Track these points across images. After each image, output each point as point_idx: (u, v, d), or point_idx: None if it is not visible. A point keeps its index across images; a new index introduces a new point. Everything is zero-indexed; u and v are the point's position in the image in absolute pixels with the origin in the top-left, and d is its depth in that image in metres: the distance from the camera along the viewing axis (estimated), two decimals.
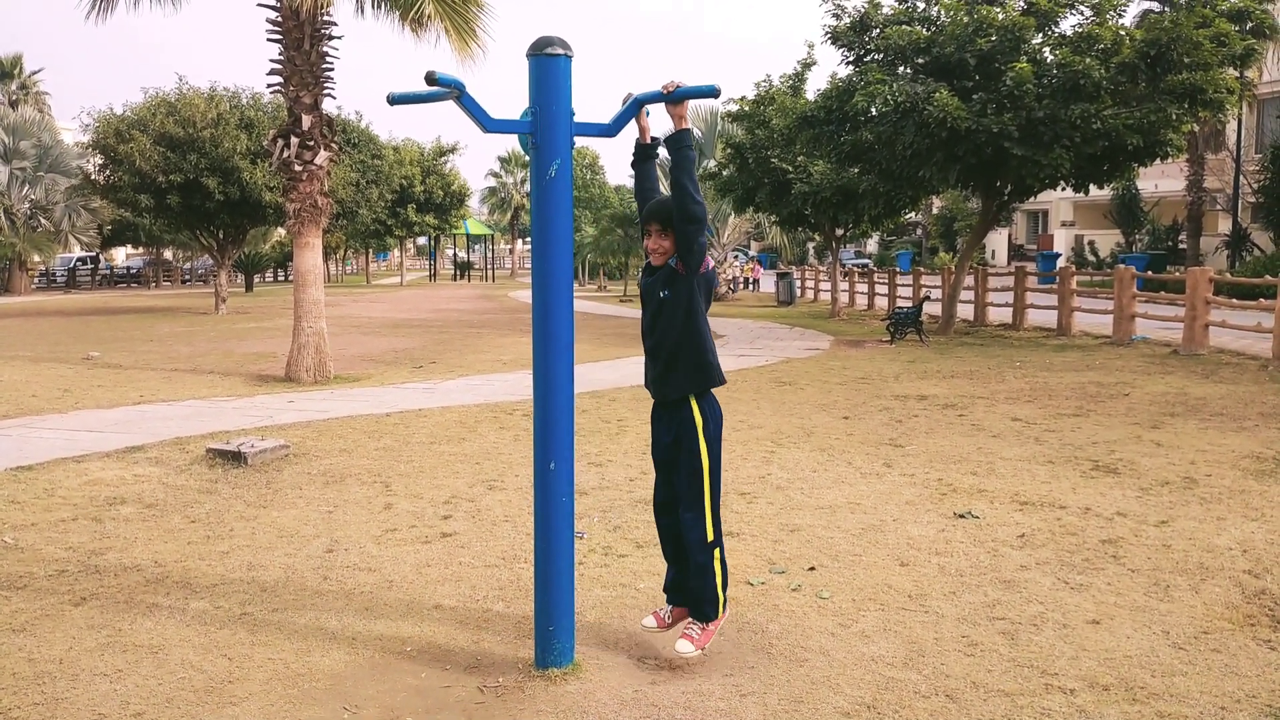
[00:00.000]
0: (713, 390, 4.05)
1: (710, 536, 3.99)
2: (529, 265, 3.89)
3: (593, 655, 4.12)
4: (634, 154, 4.20)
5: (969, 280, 21.31)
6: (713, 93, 3.76)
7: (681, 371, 3.96)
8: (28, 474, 7.48)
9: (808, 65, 25.61)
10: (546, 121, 3.73)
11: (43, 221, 45.26)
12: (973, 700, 3.70)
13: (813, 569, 5.20)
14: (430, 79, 3.53)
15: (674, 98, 3.78)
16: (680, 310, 3.92)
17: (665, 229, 3.91)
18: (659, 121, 10.45)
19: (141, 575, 5.20)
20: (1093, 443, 8.29)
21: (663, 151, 4.11)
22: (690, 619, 4.10)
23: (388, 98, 3.75)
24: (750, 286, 42.89)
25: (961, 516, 6.13)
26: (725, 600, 4.09)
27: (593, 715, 3.63)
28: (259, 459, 7.76)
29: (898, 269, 30.87)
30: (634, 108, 3.94)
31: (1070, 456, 7.79)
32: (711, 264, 4.02)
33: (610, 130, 3.98)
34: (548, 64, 3.71)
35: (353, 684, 3.90)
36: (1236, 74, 17.39)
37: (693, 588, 4.07)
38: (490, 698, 3.78)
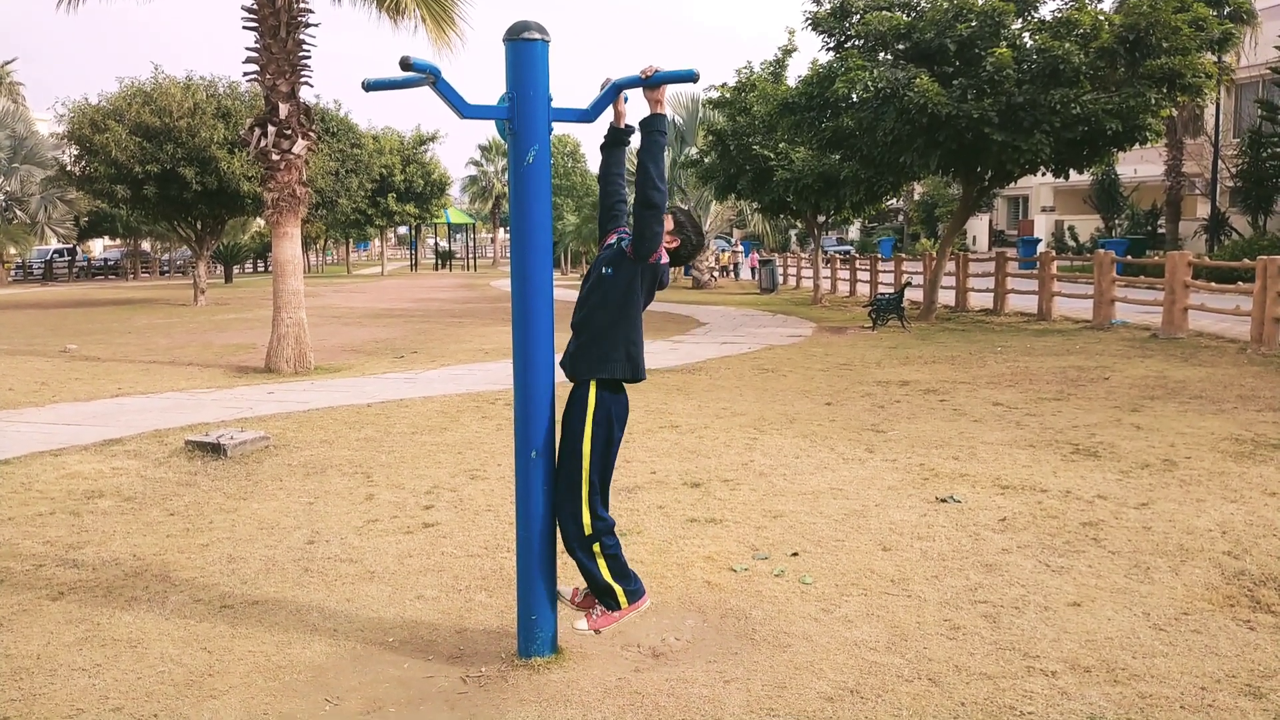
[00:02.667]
0: (625, 387, 3.91)
1: (588, 532, 3.87)
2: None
3: (576, 644, 4.11)
4: (605, 137, 4.10)
5: (950, 266, 21.37)
6: (692, 77, 3.74)
7: (595, 355, 3.82)
8: (4, 468, 7.40)
9: (789, 52, 25.56)
10: (524, 107, 3.70)
11: (18, 214, 44.78)
12: (955, 683, 3.71)
13: (796, 555, 5.20)
14: (405, 64, 3.48)
15: (652, 82, 3.75)
16: (616, 293, 3.81)
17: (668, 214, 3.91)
18: (638, 109, 10.39)
19: (120, 569, 5.15)
20: (1073, 426, 8.33)
21: (636, 139, 4.06)
22: (595, 600, 4.02)
23: (363, 84, 3.70)
24: (731, 274, 42.79)
25: (943, 501, 6.14)
26: (630, 590, 3.96)
27: (576, 704, 3.62)
28: (238, 451, 7.70)
29: (879, 255, 30.92)
30: (612, 93, 3.91)
31: (1051, 440, 7.83)
32: (665, 259, 3.90)
33: (589, 116, 3.95)
34: (524, 49, 3.68)
35: (334, 675, 3.88)
36: (1214, 58, 17.45)
37: (586, 582, 4.00)
38: (473, 688, 3.77)
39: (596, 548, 3.90)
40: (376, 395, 10.75)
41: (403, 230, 76.22)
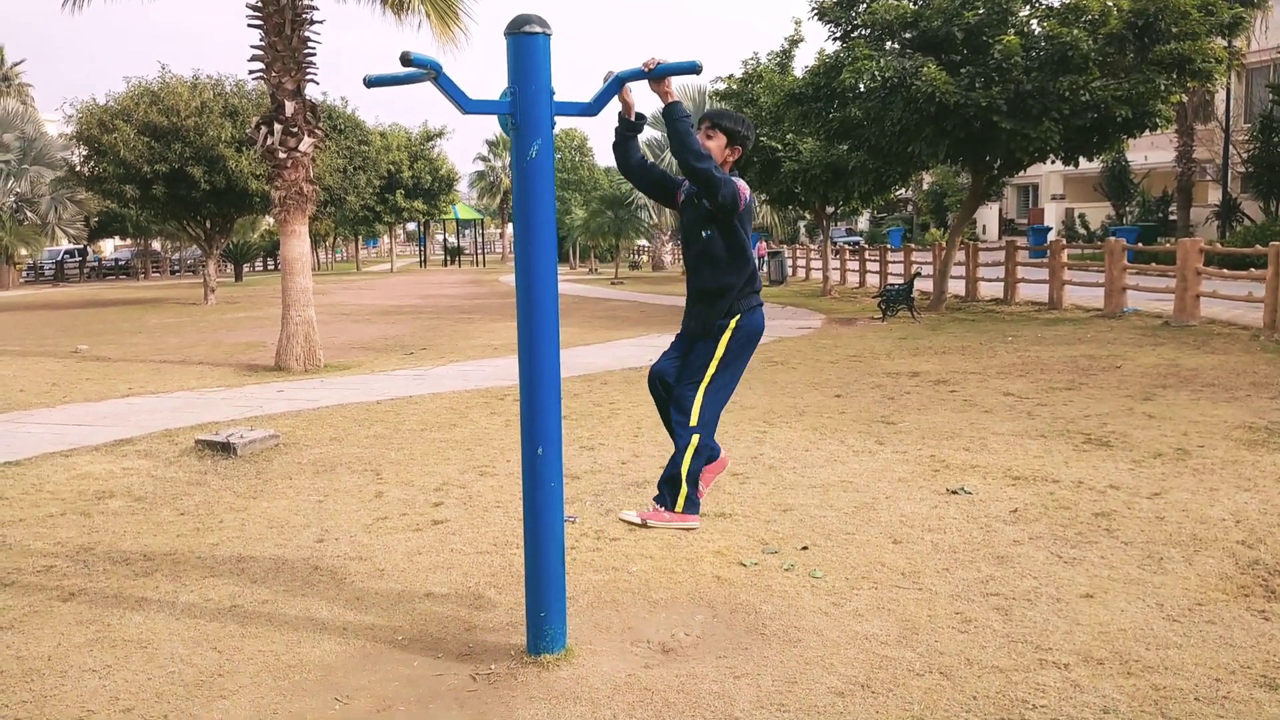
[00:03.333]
0: (760, 306, 4.14)
1: (693, 422, 4.07)
2: None
3: (585, 640, 4.10)
4: (616, 134, 4.10)
5: (960, 256, 21.28)
6: (694, 69, 3.71)
7: (734, 300, 4.05)
8: (15, 469, 7.42)
9: (795, 42, 25.47)
10: (526, 101, 3.67)
11: (29, 215, 44.94)
12: (967, 677, 3.69)
13: (806, 548, 5.18)
14: (405, 60, 3.46)
15: (655, 74, 3.73)
16: (729, 246, 4.02)
17: (714, 130, 4.07)
18: (643, 101, 10.36)
19: (130, 569, 5.16)
20: (1085, 416, 8.28)
21: (648, 130, 4.07)
22: (655, 499, 4.20)
23: (364, 80, 3.69)
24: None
25: (954, 493, 6.11)
26: (687, 499, 4.12)
27: (585, 700, 3.61)
28: (248, 449, 7.71)
29: (889, 246, 30.79)
30: (615, 86, 3.88)
31: (1062, 430, 7.78)
32: (748, 194, 4.04)
33: (592, 109, 3.92)
34: (526, 42, 3.65)
35: (344, 674, 3.87)
36: (1225, 43, 17.31)
37: (666, 472, 4.18)
38: (483, 685, 3.76)
39: (695, 439, 4.09)
40: (386, 392, 10.75)
41: (411, 227, 76.26)
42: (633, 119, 4.04)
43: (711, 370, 4.08)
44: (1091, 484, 6.20)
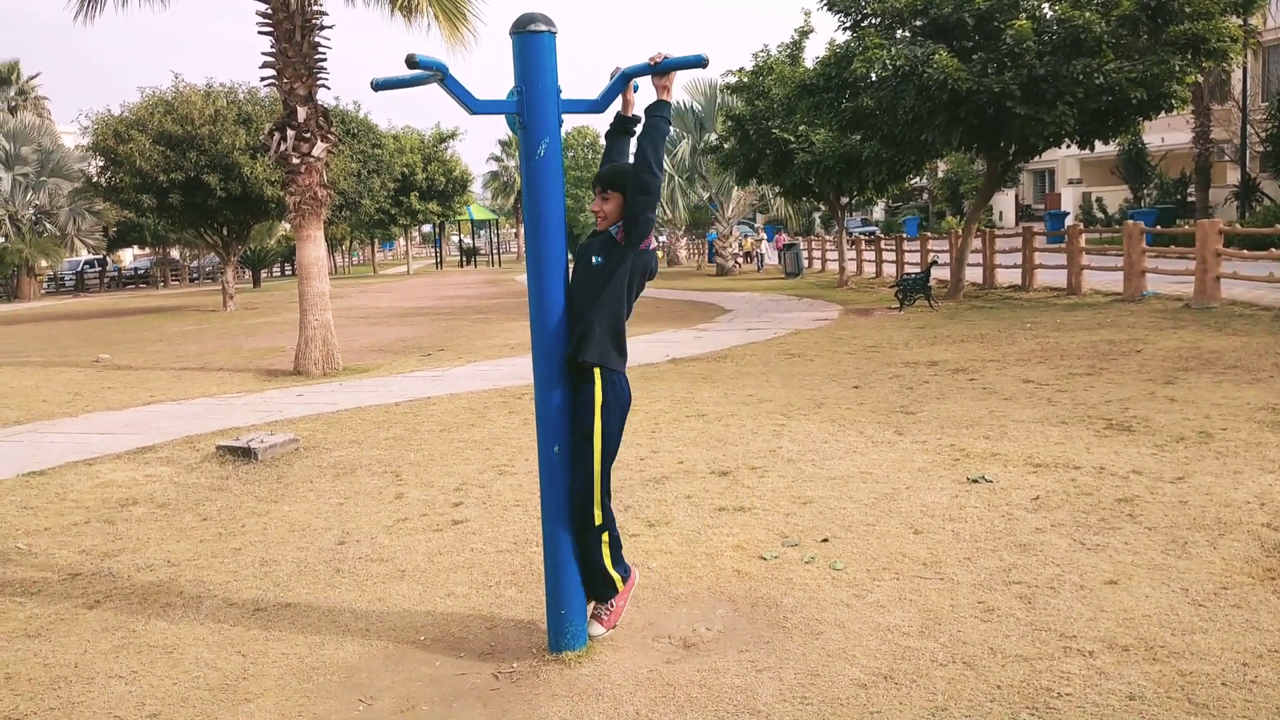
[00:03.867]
0: (620, 372, 3.87)
1: (598, 521, 3.89)
2: None
3: (607, 637, 4.10)
4: (611, 124, 4.07)
5: (976, 243, 21.15)
6: (701, 62, 3.70)
7: (593, 345, 3.77)
8: (40, 479, 7.50)
9: (805, 33, 25.37)
10: (532, 100, 3.67)
11: (48, 226, 45.37)
12: (990, 666, 3.67)
13: (826, 541, 5.16)
14: (411, 62, 3.47)
15: (661, 69, 3.72)
16: (608, 281, 3.79)
17: (607, 192, 3.84)
18: (648, 98, 10.33)
19: (155, 575, 5.20)
20: (1106, 401, 8.22)
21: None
22: (594, 603, 4.04)
23: (371, 83, 3.70)
24: (755, 260, 42.28)
25: (975, 481, 6.08)
26: (621, 574, 4.01)
27: (608, 697, 3.61)
28: (269, 454, 7.76)
29: (904, 235, 30.65)
30: (621, 82, 3.88)
31: (1083, 416, 7.72)
32: (654, 245, 3.89)
33: (599, 106, 3.92)
34: (531, 41, 3.65)
35: (367, 675, 3.89)
36: (1240, 21, 17.11)
37: (583, 573, 3.97)
38: (505, 684, 3.77)
39: (606, 536, 3.93)
40: (404, 394, 10.79)
41: (427, 229, 76.51)
42: (629, 116, 4.03)
43: (598, 457, 3.84)
44: (1114, 469, 6.16)
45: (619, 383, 3.86)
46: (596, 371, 3.80)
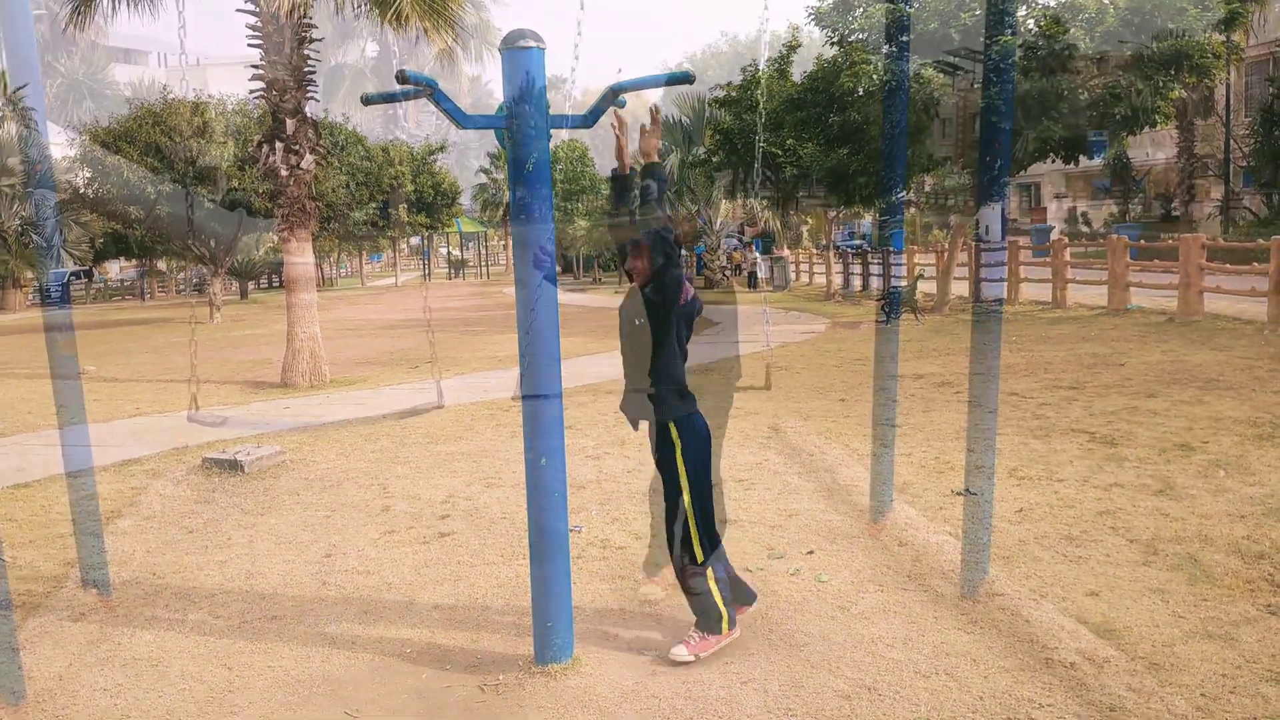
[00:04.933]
0: (696, 411, 4.05)
1: (701, 558, 3.99)
2: None
3: (592, 649, 4.11)
4: (612, 175, 4.16)
5: (962, 257, 21.26)
6: (687, 79, 3.75)
7: (661, 400, 3.99)
8: (25, 491, 7.47)
9: (793, 47, 25.50)
10: (521, 115, 3.70)
11: (34, 238, 45.11)
12: (973, 677, 3.70)
13: (811, 553, 5.19)
14: (402, 78, 3.50)
15: (650, 83, 3.77)
16: (660, 341, 3.95)
17: (640, 248, 3.92)
18: (638, 111, 10.37)
19: (140, 588, 5.19)
20: (1089, 414, 8.28)
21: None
22: (695, 625, 4.07)
23: (362, 98, 3.74)
24: (744, 274, 42.21)
25: (959, 494, 6.11)
26: (731, 616, 4.05)
27: (593, 709, 3.62)
28: (256, 466, 7.74)
29: (891, 248, 30.75)
30: (609, 97, 3.92)
31: (1067, 429, 7.78)
32: (691, 293, 4.00)
33: (587, 121, 3.96)
34: (520, 57, 3.69)
35: (353, 688, 3.90)
36: (1223, 38, 17.31)
37: (691, 604, 4.08)
38: (491, 696, 3.78)
39: (710, 572, 4.00)
40: (392, 406, 10.77)
41: (415, 241, 76.40)
42: (626, 173, 4.10)
43: (688, 497, 4.02)
44: (1096, 482, 6.21)
45: (694, 421, 4.06)
46: (672, 425, 3.99)
